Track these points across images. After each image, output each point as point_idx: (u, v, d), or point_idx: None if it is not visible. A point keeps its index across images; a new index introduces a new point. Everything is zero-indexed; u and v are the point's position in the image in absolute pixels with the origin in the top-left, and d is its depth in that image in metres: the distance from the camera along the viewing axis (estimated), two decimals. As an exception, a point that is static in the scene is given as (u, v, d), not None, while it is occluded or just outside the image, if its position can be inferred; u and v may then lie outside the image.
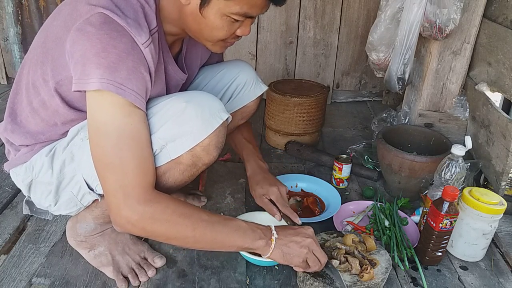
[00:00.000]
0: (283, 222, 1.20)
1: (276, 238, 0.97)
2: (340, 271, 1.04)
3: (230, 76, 1.24)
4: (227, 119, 0.96)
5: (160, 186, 0.97)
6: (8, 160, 1.08)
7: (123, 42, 0.81)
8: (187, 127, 0.91)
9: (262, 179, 1.27)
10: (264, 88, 1.29)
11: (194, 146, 0.93)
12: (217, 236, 0.93)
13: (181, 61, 1.09)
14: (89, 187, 0.99)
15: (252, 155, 1.33)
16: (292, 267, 1.01)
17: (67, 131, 1.00)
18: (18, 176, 1.06)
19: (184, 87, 1.16)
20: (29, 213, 1.15)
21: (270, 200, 1.24)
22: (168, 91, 1.04)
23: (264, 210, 1.30)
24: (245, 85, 1.24)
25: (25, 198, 1.12)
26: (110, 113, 0.84)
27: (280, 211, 1.22)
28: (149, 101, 0.94)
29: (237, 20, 0.90)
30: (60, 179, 1.00)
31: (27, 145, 1.03)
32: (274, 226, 0.99)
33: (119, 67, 0.80)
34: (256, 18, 2.22)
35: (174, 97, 0.94)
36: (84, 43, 0.80)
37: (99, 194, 1.01)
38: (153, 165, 0.91)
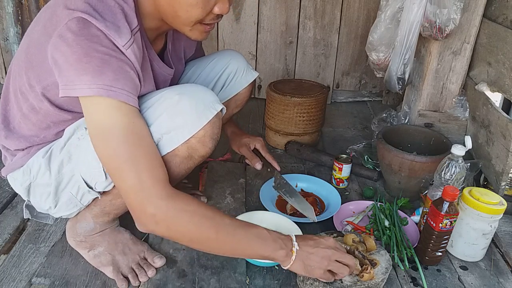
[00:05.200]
0: (289, 224, 1.20)
1: (297, 249, 0.94)
2: None
3: (221, 65, 1.25)
4: (221, 110, 0.97)
5: None
6: (5, 166, 1.08)
7: (104, 46, 0.81)
8: (182, 119, 0.91)
9: (244, 134, 1.45)
10: (255, 74, 1.32)
11: (189, 138, 0.93)
12: (240, 241, 0.91)
13: (166, 56, 1.09)
14: (88, 185, 0.99)
15: (231, 120, 1.49)
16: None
17: (62, 130, 0.99)
18: (16, 180, 1.05)
19: (173, 82, 1.16)
20: (30, 218, 1.15)
21: (254, 151, 1.39)
22: (157, 88, 1.04)
23: (265, 210, 1.30)
24: (237, 73, 1.27)
25: (25, 202, 1.12)
26: (108, 116, 0.83)
27: (262, 159, 1.38)
28: (141, 97, 0.94)
29: None
30: (59, 180, 1.00)
31: (23, 149, 1.02)
32: (295, 236, 0.97)
33: (104, 70, 0.80)
34: (256, 18, 2.24)
35: (167, 91, 0.94)
36: (65, 49, 0.81)
37: (99, 192, 1.01)
38: (161, 158, 0.91)
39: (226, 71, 1.25)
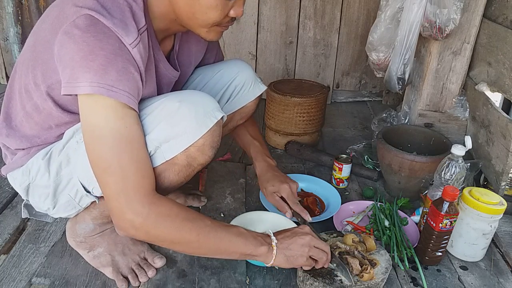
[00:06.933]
0: (289, 223, 1.20)
1: (276, 243, 0.97)
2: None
3: (228, 76, 1.23)
4: (222, 118, 0.96)
5: (155, 188, 0.97)
6: (5, 164, 1.07)
7: (110, 44, 0.80)
8: (181, 128, 0.90)
9: (273, 177, 1.28)
10: (263, 88, 1.29)
11: (189, 147, 0.92)
12: (221, 242, 0.92)
13: (173, 58, 1.08)
14: (85, 189, 0.99)
15: (260, 153, 1.34)
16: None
17: (63, 133, 0.99)
18: (16, 180, 1.05)
19: (178, 86, 1.15)
20: (28, 217, 1.15)
21: (281, 197, 1.26)
22: (160, 90, 1.03)
23: (265, 210, 1.30)
24: (244, 86, 1.24)
25: (24, 202, 1.12)
26: (103, 116, 0.83)
27: (290, 208, 1.24)
28: (142, 102, 0.93)
29: None
30: (57, 182, 1.00)
31: (23, 149, 1.02)
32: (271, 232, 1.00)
33: (108, 69, 0.80)
34: (256, 18, 2.24)
35: (168, 97, 0.93)
36: (71, 46, 0.80)
37: (97, 196, 1.01)
38: (151, 166, 0.91)
39: (233, 83, 1.23)
